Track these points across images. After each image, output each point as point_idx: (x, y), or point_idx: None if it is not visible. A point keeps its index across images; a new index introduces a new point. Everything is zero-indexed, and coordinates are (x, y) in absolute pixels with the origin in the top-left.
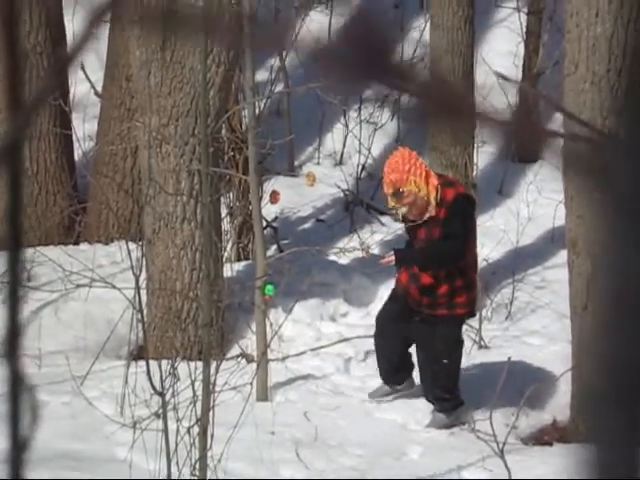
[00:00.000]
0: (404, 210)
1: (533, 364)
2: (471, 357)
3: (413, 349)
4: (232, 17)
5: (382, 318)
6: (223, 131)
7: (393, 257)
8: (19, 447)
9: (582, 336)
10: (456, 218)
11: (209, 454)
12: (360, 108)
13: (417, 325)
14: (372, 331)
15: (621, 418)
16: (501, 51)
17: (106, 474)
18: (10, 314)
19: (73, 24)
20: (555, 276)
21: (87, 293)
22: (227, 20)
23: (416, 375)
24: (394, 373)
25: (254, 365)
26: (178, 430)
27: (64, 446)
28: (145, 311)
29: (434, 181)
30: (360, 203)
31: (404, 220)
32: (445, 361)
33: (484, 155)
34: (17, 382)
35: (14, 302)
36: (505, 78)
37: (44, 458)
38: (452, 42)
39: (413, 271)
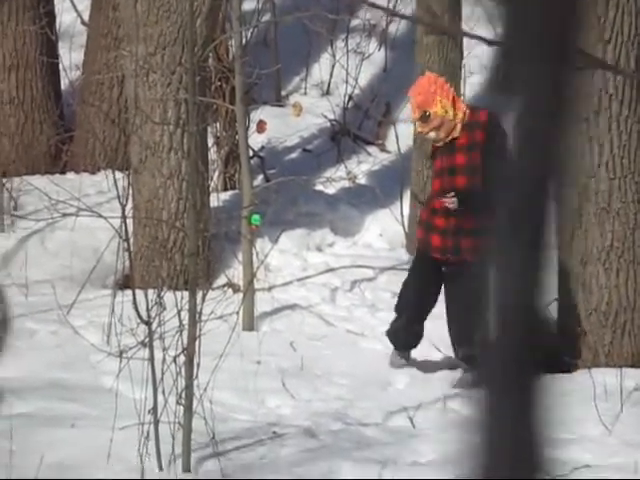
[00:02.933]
0: (432, 135)
1: None
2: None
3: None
4: None
5: (412, 283)
6: (210, 60)
7: (454, 199)
8: None
9: (568, 266)
10: (498, 138)
11: (195, 383)
12: (347, 38)
13: (446, 277)
14: (358, 261)
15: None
16: None
17: (93, 403)
18: None
19: None
20: None
21: (74, 222)
22: None
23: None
24: (406, 336)
25: (240, 295)
26: (164, 359)
27: (51, 375)
28: (131, 240)
29: (461, 104)
30: (347, 133)
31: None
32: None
33: (471, 85)
34: None
35: None
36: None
37: (32, 387)
38: None
39: (429, 221)
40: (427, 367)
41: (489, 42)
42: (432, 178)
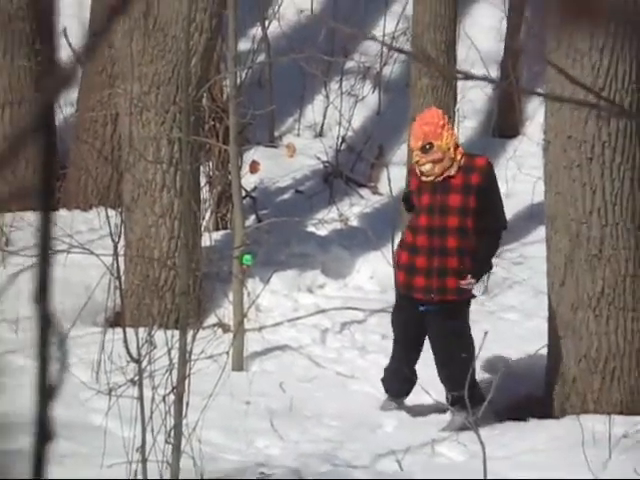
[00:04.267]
0: (427, 167)
1: (509, 340)
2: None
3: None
4: None
5: (396, 326)
6: (204, 100)
7: (472, 280)
8: (47, 395)
9: (558, 312)
10: (495, 188)
11: (184, 422)
12: (341, 80)
13: (428, 318)
14: (349, 302)
15: None
16: (484, 26)
17: (82, 440)
18: (41, 264)
19: None
20: (533, 252)
21: (65, 259)
22: None
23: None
24: (400, 383)
25: (230, 334)
26: (153, 398)
27: None
28: (123, 278)
29: (460, 147)
30: (339, 175)
31: (420, 176)
32: (463, 355)
33: (464, 129)
34: (47, 328)
35: (45, 253)
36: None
37: (20, 423)
38: (435, 16)
39: (411, 263)
40: (416, 411)
41: (491, 81)
42: (415, 213)
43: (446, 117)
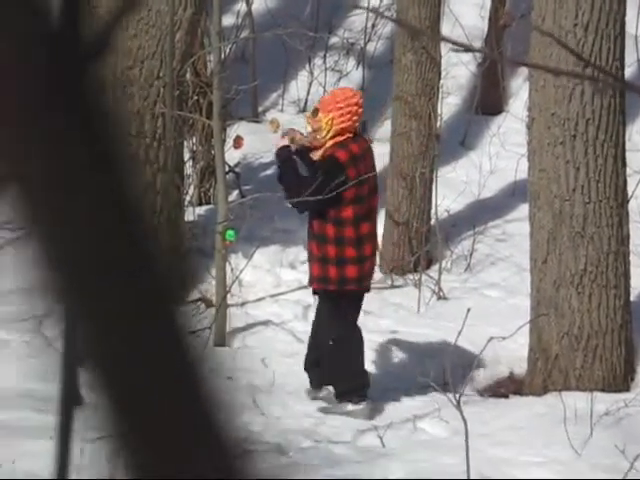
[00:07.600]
0: (309, 129)
1: (491, 316)
2: (430, 307)
3: None
4: None
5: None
6: (188, 75)
7: (287, 143)
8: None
9: (541, 289)
10: (319, 166)
11: None
12: (325, 56)
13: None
14: None
15: None
16: (468, 2)
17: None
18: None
19: None
20: (516, 229)
21: None
22: None
23: None
24: (311, 366)
25: (213, 310)
26: None
27: (26, 386)
28: None
29: (340, 138)
30: None
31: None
32: (330, 342)
33: (448, 106)
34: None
35: None
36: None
37: (5, 397)
38: None
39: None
40: (397, 386)
41: (480, 51)
42: None
43: (355, 104)
